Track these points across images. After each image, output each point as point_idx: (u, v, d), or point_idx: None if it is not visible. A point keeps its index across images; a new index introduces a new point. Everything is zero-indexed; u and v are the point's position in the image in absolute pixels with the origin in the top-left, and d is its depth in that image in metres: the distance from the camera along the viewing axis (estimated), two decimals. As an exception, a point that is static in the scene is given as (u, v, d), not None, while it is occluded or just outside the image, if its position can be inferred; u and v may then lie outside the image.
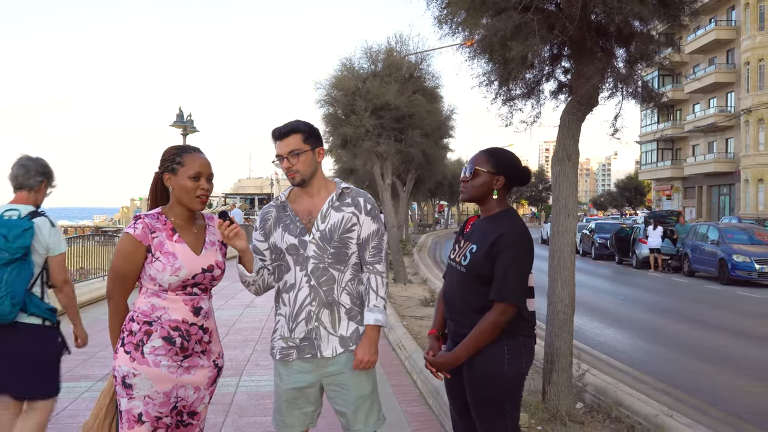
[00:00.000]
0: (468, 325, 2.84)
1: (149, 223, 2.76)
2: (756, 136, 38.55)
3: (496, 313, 2.76)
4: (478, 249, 2.86)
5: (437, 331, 3.12)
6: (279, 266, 3.02)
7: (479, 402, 2.86)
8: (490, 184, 2.94)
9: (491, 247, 2.80)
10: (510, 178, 2.96)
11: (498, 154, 2.99)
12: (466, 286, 2.90)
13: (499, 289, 2.77)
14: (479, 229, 2.96)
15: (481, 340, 2.78)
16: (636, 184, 70.86)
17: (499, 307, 2.77)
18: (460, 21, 5.02)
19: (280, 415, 3.01)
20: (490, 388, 2.82)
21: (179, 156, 2.81)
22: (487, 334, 2.77)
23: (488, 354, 2.80)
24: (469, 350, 2.80)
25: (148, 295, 2.76)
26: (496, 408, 2.84)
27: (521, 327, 2.86)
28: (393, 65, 15.15)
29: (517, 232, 2.84)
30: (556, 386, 4.94)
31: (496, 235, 2.82)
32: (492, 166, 2.93)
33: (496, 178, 2.93)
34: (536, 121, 5.45)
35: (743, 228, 20.34)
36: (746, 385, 7.20)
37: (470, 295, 2.87)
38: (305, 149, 2.96)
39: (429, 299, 11.71)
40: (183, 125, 20.03)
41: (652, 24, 4.92)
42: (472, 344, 2.79)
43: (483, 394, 2.84)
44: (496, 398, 2.83)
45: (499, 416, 2.84)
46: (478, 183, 2.95)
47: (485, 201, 2.97)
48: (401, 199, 23.40)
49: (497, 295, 2.77)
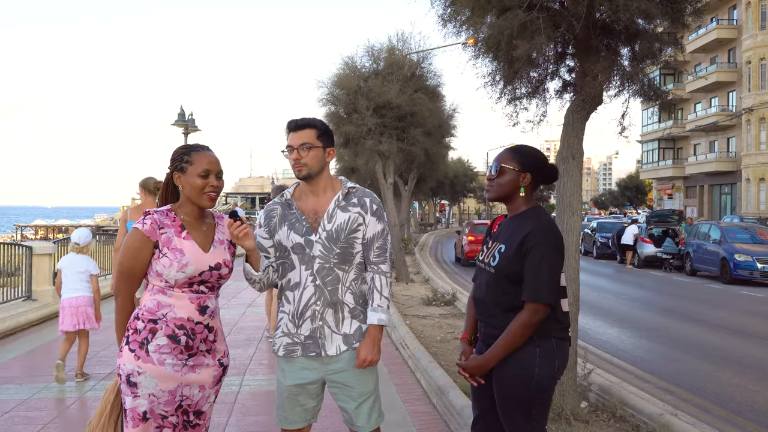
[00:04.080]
0: (499, 326, 2.77)
1: (158, 219, 2.75)
2: (757, 136, 38.51)
3: (528, 313, 2.67)
4: (506, 249, 2.79)
5: (469, 336, 3.05)
6: (283, 264, 3.01)
7: (507, 405, 2.77)
8: (516, 182, 2.87)
9: (519, 246, 2.73)
10: (536, 175, 2.89)
11: (524, 151, 2.92)
12: (496, 287, 2.82)
13: (530, 288, 2.68)
14: (507, 229, 2.89)
15: (513, 342, 2.69)
16: (637, 183, 70.84)
17: (531, 307, 2.68)
18: (464, 19, 5.01)
19: (282, 411, 3.02)
20: (520, 390, 2.73)
21: (188, 154, 2.81)
22: (519, 336, 2.68)
23: (519, 356, 2.72)
24: (501, 352, 2.72)
25: (154, 293, 2.75)
26: (524, 411, 2.75)
27: (554, 328, 2.77)
28: (395, 64, 15.14)
29: (545, 229, 2.76)
30: (561, 385, 4.92)
31: (523, 234, 2.75)
32: (518, 163, 2.86)
33: (523, 175, 2.86)
34: (542, 120, 5.43)
35: (745, 227, 20.31)
36: (749, 384, 7.19)
37: (500, 296, 2.79)
38: (317, 145, 2.96)
39: (431, 298, 11.71)
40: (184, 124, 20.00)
41: (656, 22, 4.90)
42: (504, 346, 2.70)
43: (512, 397, 2.75)
44: (524, 401, 2.74)
45: (526, 419, 2.76)
46: (505, 181, 2.88)
47: (512, 199, 2.90)
48: (403, 198, 23.38)
49: (529, 294, 2.68)
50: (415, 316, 10.17)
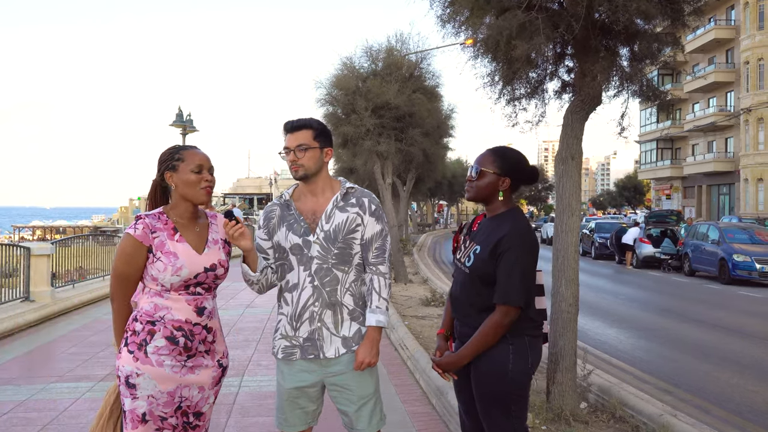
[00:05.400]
0: (473, 324, 2.83)
1: (150, 224, 2.74)
2: (756, 136, 38.56)
3: (499, 314, 2.74)
4: (481, 250, 2.84)
5: (445, 331, 3.11)
6: (282, 265, 2.99)
7: (485, 402, 2.85)
8: (495, 185, 2.90)
9: (494, 248, 2.78)
10: (516, 179, 2.92)
11: (504, 154, 2.94)
12: (470, 287, 2.88)
13: (502, 291, 2.74)
14: (484, 230, 2.93)
15: (485, 342, 2.77)
16: (635, 183, 70.93)
17: (502, 309, 2.74)
18: (463, 20, 5.00)
19: (281, 414, 3.00)
20: (496, 387, 2.80)
21: (177, 153, 2.80)
22: (491, 336, 2.76)
23: (493, 353, 2.79)
24: (473, 351, 2.80)
25: (150, 295, 2.74)
26: (502, 408, 2.82)
27: (527, 327, 2.84)
28: (393, 64, 15.12)
29: (520, 233, 2.80)
30: (561, 386, 4.93)
31: (498, 237, 2.79)
32: (498, 167, 2.89)
33: (502, 179, 2.89)
34: (541, 120, 5.43)
35: (743, 227, 20.34)
36: (748, 384, 7.19)
37: (474, 296, 2.86)
38: (314, 146, 2.94)
39: (430, 299, 11.70)
40: (182, 125, 20.00)
41: (655, 22, 4.90)
42: (476, 345, 2.78)
43: (488, 394, 2.83)
44: (501, 398, 2.81)
45: (505, 416, 2.82)
46: (484, 184, 2.91)
47: (490, 201, 2.94)
48: (401, 198, 23.40)
49: (500, 297, 2.75)
50: (414, 316, 10.16)
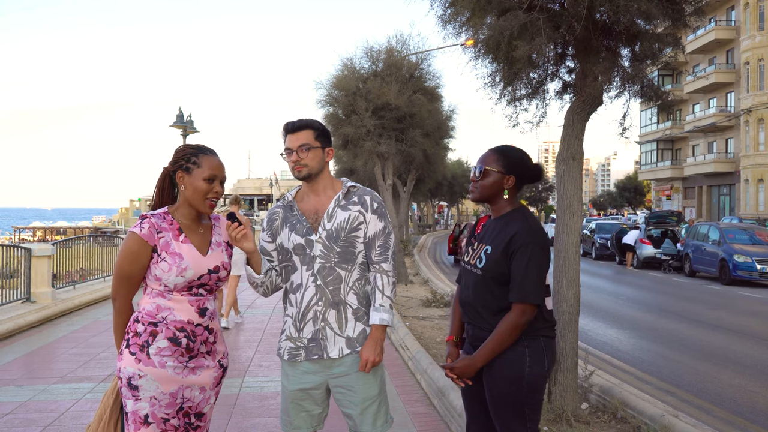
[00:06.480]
0: (487, 328, 2.77)
1: (155, 223, 2.73)
2: (756, 136, 38.55)
3: (516, 314, 2.68)
4: (492, 250, 2.78)
5: (455, 337, 3.05)
6: (286, 267, 2.99)
7: (499, 406, 2.77)
8: (500, 184, 2.86)
9: (506, 247, 2.73)
10: (520, 177, 2.88)
11: (508, 152, 2.91)
12: (483, 289, 2.82)
13: (518, 289, 2.68)
14: (492, 230, 2.88)
15: (502, 343, 2.70)
16: (635, 184, 70.92)
17: (519, 307, 2.68)
18: (464, 20, 5.00)
19: (287, 416, 2.98)
20: (511, 391, 2.72)
21: (196, 156, 2.76)
22: (507, 337, 2.68)
23: (509, 356, 2.72)
24: (489, 354, 2.72)
25: (153, 296, 2.73)
26: (516, 411, 2.75)
27: (542, 327, 2.77)
28: (394, 65, 15.12)
29: (532, 230, 2.76)
30: (562, 387, 4.92)
31: (510, 235, 2.74)
32: (502, 165, 2.86)
33: (507, 177, 2.86)
34: (542, 120, 5.42)
35: (744, 228, 20.31)
36: (749, 385, 7.19)
37: (487, 297, 2.79)
38: (316, 146, 2.94)
39: (431, 299, 11.70)
40: (183, 125, 19.98)
41: (656, 22, 4.90)
42: (493, 347, 2.70)
43: (503, 398, 2.75)
44: (516, 401, 2.73)
45: (519, 420, 2.75)
46: (488, 183, 2.87)
47: (496, 201, 2.90)
48: (402, 199, 23.37)
49: (517, 295, 2.68)
50: (415, 317, 10.16)
